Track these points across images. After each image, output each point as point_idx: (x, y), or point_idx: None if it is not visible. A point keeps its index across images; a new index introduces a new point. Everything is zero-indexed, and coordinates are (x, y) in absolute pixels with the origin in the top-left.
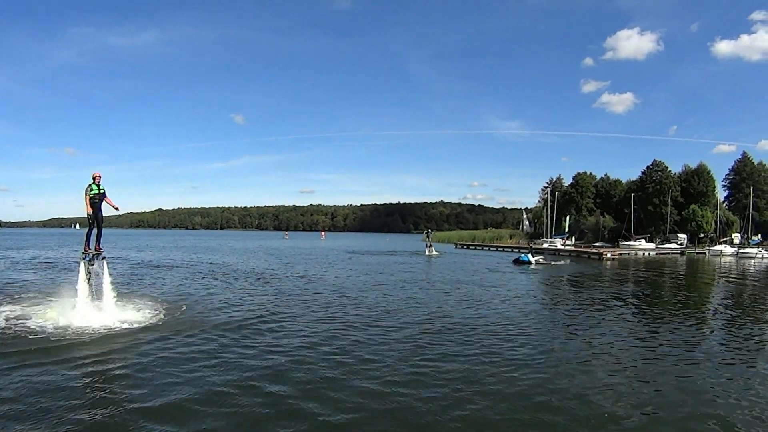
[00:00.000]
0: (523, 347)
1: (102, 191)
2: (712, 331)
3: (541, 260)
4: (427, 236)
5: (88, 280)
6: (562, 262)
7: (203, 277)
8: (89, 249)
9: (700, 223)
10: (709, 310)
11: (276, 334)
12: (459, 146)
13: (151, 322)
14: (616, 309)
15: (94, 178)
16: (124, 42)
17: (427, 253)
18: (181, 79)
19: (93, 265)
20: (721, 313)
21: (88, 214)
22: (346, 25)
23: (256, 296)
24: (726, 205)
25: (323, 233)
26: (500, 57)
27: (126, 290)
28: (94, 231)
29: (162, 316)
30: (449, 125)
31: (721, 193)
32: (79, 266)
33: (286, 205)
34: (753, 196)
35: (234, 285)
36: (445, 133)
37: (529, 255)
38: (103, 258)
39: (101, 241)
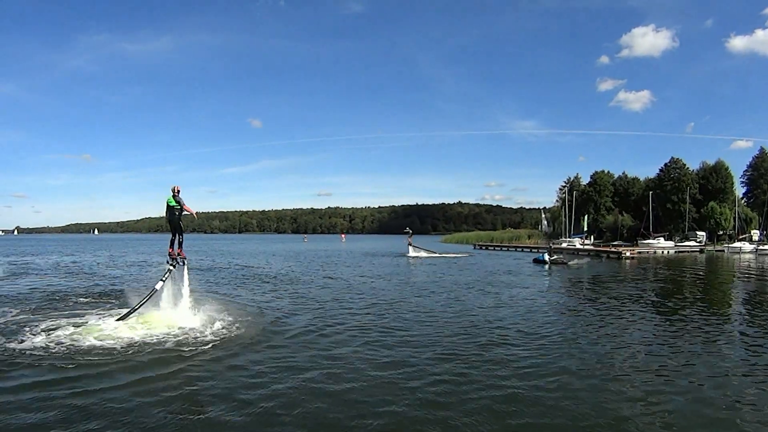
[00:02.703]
0: (547, 353)
1: (176, 202)
2: (736, 333)
3: (558, 259)
4: (409, 236)
5: (163, 279)
6: (577, 261)
7: (234, 279)
8: (172, 252)
9: (718, 220)
10: (732, 310)
11: (329, 339)
12: (474, 146)
13: (223, 327)
14: (641, 310)
15: (172, 191)
16: (138, 48)
17: (411, 253)
18: (197, 85)
19: (174, 268)
20: (744, 313)
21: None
22: (358, 28)
23: (296, 300)
24: (744, 201)
25: (343, 236)
26: (514, 57)
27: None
28: (177, 237)
29: (228, 321)
30: (464, 126)
31: (739, 190)
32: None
33: (304, 208)
34: None
35: (271, 288)
36: (459, 133)
37: (546, 254)
38: (183, 263)
39: (182, 247)
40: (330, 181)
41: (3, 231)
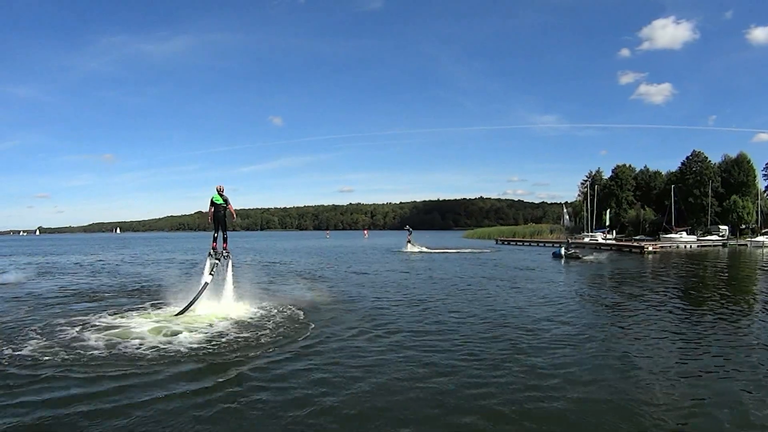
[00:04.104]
0: (572, 354)
1: (223, 200)
2: (765, 331)
3: (574, 253)
4: (409, 233)
5: (212, 273)
6: (594, 255)
7: (267, 275)
8: (216, 246)
9: (741, 214)
10: (759, 306)
11: (365, 339)
12: (495, 142)
13: (264, 320)
14: (667, 307)
15: (217, 190)
16: (157, 48)
17: (407, 249)
18: (216, 84)
19: (219, 261)
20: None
21: (210, 219)
22: (376, 25)
23: (328, 295)
24: (767, 195)
25: (366, 232)
26: (533, 52)
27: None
28: (220, 234)
29: (269, 314)
30: (484, 121)
31: (761, 183)
32: (205, 262)
33: (326, 204)
34: None
35: (305, 284)
36: (480, 129)
37: (562, 249)
38: (227, 257)
39: (227, 242)
40: (351, 177)
41: (25, 231)
